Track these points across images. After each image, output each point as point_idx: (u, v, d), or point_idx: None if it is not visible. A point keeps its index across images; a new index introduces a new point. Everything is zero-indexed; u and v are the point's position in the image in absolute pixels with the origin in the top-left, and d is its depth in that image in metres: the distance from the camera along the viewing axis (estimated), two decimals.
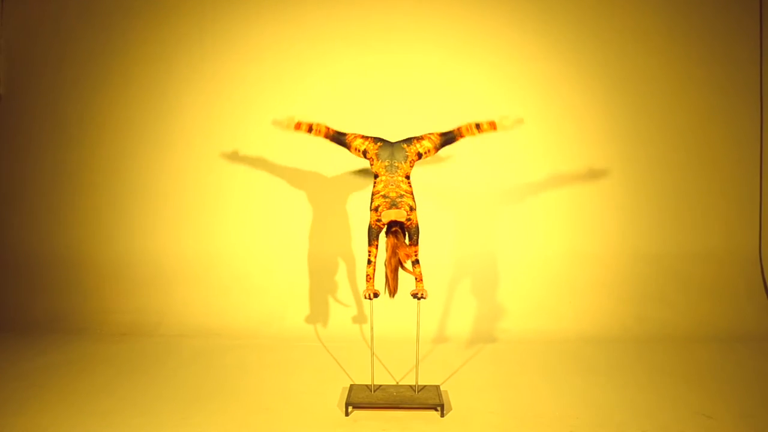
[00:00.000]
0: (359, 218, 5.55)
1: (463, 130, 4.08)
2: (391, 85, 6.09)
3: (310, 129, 4.23)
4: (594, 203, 6.08)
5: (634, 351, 5.17)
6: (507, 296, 5.84)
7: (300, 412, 3.78)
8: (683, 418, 3.68)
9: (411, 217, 3.90)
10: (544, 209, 6.10)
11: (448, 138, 4.09)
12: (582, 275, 5.98)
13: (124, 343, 5.43)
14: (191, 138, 6.22)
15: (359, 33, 6.12)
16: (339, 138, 4.17)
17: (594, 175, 6.07)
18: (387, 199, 3.90)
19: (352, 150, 4.11)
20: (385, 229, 3.96)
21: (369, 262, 3.98)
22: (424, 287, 4.00)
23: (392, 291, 3.90)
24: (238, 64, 6.19)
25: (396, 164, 3.95)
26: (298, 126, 4.26)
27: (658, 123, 6.09)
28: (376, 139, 4.06)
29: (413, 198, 3.96)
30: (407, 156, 3.97)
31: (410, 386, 4.05)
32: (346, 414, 3.73)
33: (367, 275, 4.00)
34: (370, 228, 3.97)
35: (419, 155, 4.00)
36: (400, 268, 3.87)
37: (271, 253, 6.12)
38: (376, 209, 3.93)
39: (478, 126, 4.08)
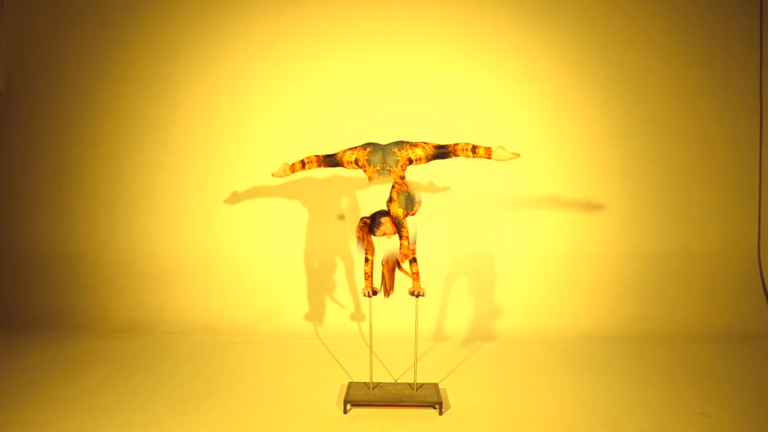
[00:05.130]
0: (358, 216, 5.55)
1: (459, 150, 3.87)
2: (392, 83, 6.08)
3: (303, 165, 4.08)
4: (593, 202, 6.08)
5: (632, 349, 5.17)
6: (506, 294, 5.85)
7: (298, 410, 3.79)
8: (681, 416, 3.69)
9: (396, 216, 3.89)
10: (543, 207, 6.10)
11: (442, 152, 3.89)
12: (581, 274, 5.98)
13: (122, 340, 5.43)
14: (191, 135, 6.22)
15: (360, 31, 6.11)
16: (331, 161, 4.02)
17: (593, 173, 6.08)
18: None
19: (346, 165, 3.97)
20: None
21: (366, 260, 4.00)
22: (421, 285, 4.00)
23: (387, 291, 3.95)
24: (238, 62, 6.18)
25: (388, 168, 3.88)
26: (293, 168, 4.12)
27: (658, 122, 6.09)
28: (366, 145, 3.94)
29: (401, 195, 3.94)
30: (398, 160, 3.86)
31: (409, 384, 4.05)
32: (345, 411, 3.74)
33: (366, 273, 4.02)
34: None
35: (410, 161, 3.88)
36: (396, 269, 3.91)
37: (270, 251, 6.12)
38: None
39: (474, 149, 3.86)
